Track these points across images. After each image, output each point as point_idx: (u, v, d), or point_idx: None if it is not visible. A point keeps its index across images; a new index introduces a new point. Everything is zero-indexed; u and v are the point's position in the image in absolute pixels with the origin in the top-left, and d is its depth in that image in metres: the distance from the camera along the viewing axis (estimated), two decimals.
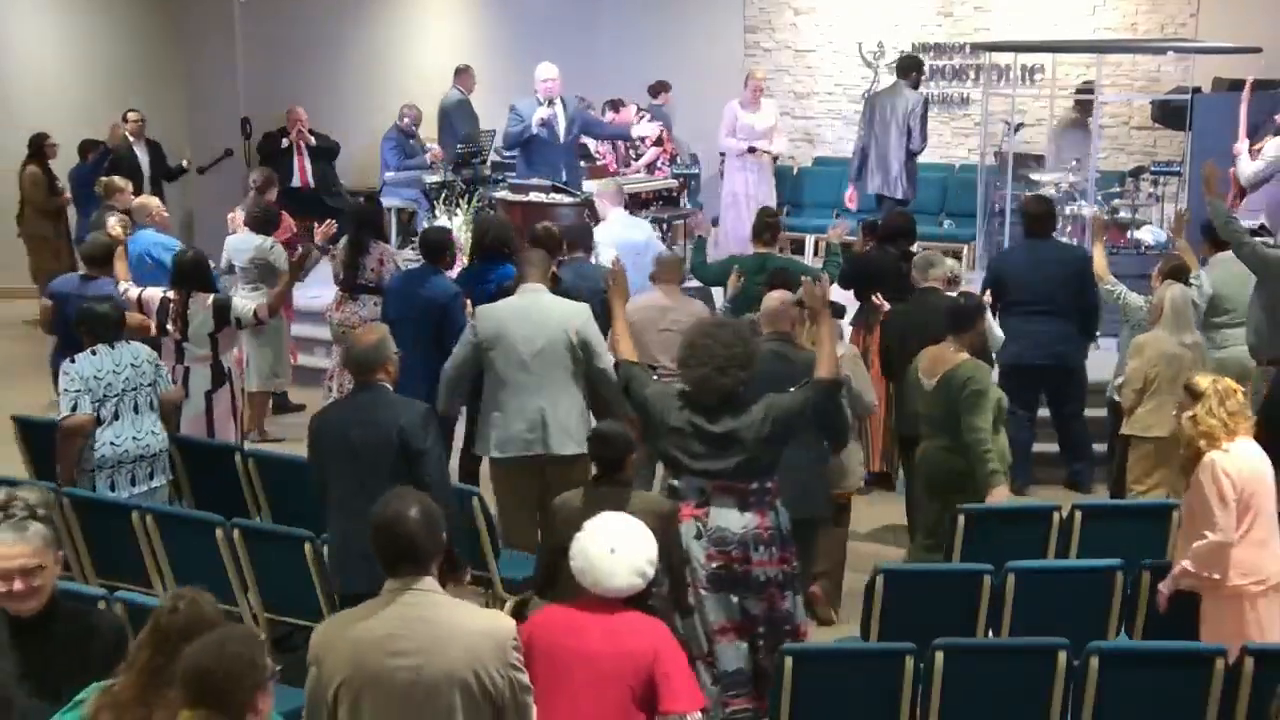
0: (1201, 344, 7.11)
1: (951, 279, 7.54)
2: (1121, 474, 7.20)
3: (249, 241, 9.08)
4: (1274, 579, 5.22)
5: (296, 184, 12.80)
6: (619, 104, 12.55)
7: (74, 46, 13.88)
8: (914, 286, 7.46)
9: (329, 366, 8.88)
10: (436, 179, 11.73)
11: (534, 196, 9.97)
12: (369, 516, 3.75)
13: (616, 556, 3.97)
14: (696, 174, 12.98)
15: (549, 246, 7.38)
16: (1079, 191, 10.71)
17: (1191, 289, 7.33)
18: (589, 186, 10.17)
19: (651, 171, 12.13)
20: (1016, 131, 11.82)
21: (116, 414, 6.31)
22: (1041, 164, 11.65)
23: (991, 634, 5.45)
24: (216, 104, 14.00)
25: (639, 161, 12.22)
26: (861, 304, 8.35)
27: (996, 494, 6.16)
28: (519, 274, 6.79)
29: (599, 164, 11.94)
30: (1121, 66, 12.81)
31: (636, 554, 4.00)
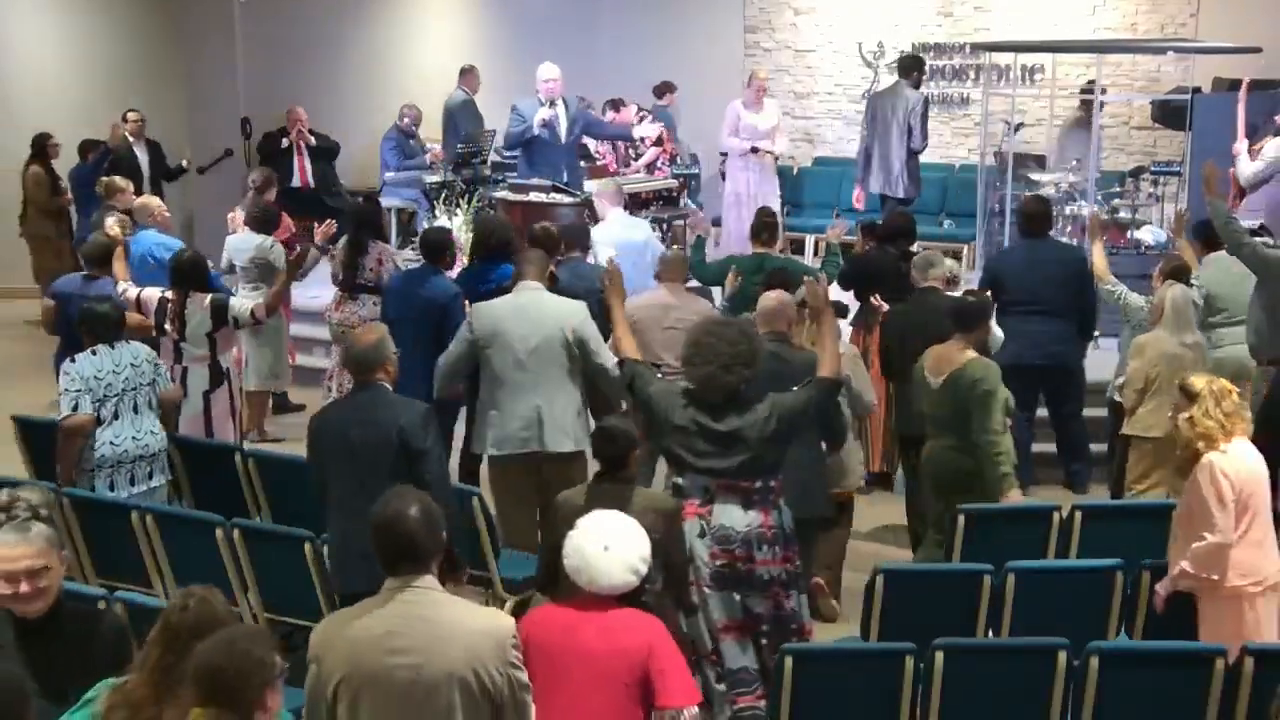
0: (1202, 344, 7.11)
1: (951, 279, 7.55)
2: (1121, 474, 7.20)
3: (249, 241, 9.09)
4: (1272, 579, 5.22)
5: (296, 184, 12.80)
6: (619, 104, 12.55)
7: (74, 46, 13.88)
8: (914, 286, 7.46)
9: (328, 366, 8.88)
10: (436, 179, 11.73)
11: (534, 196, 9.97)
12: (369, 516, 3.75)
13: (610, 554, 3.98)
14: (696, 174, 12.97)
15: (547, 246, 7.39)
16: (1079, 191, 10.70)
17: (1192, 289, 7.33)
18: (589, 186, 10.17)
19: (651, 171, 12.12)
20: (1016, 131, 11.81)
21: (116, 414, 6.32)
22: (1042, 164, 11.64)
23: (991, 634, 5.44)
24: (216, 104, 14.00)
25: (639, 161, 12.21)
26: (861, 304, 8.35)
27: (1011, 496, 6.17)
28: (517, 272, 6.80)
29: (599, 164, 11.94)
30: (1121, 66, 12.81)
31: (630, 551, 4.01)
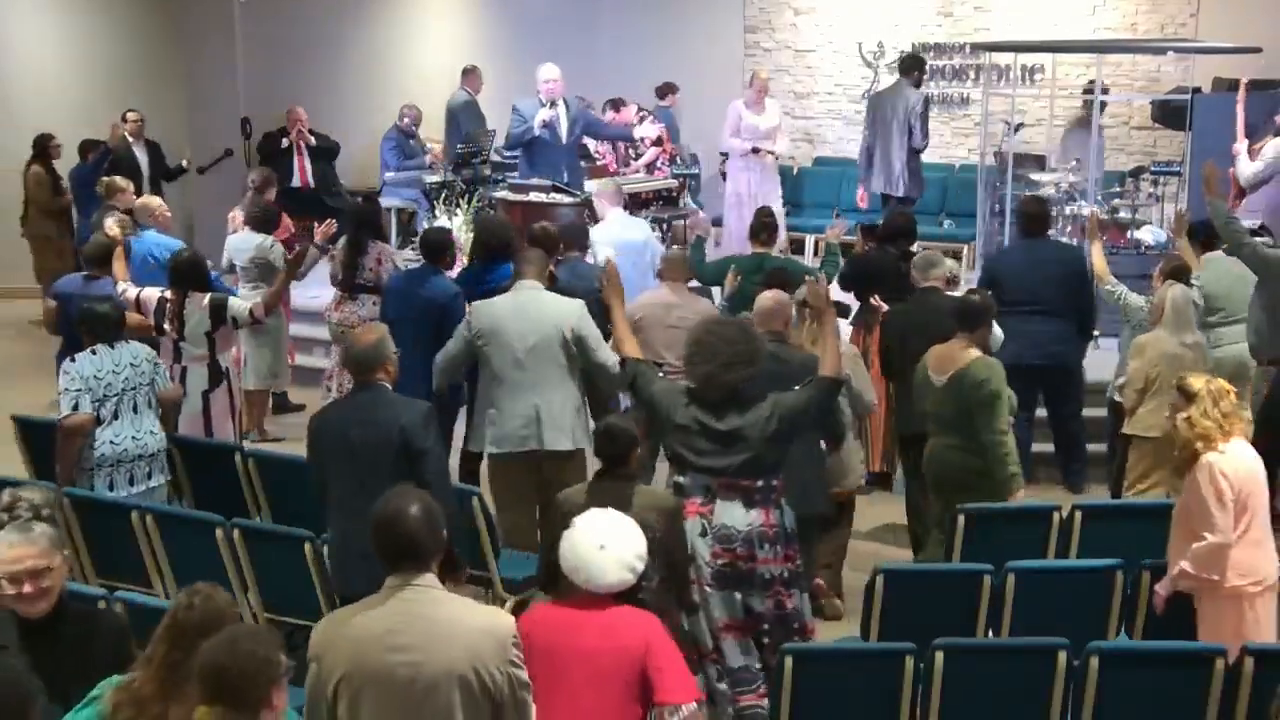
0: (1203, 344, 7.10)
1: (951, 279, 7.55)
2: (1121, 474, 7.20)
3: (249, 241, 9.09)
4: (1271, 579, 5.23)
5: (296, 184, 12.80)
6: (620, 103, 12.55)
7: (74, 46, 13.87)
8: (914, 286, 7.46)
9: (328, 366, 8.88)
10: (436, 179, 11.74)
11: (534, 196, 9.97)
12: (369, 516, 3.75)
13: (606, 553, 3.98)
14: (696, 174, 12.97)
15: (546, 246, 7.39)
16: (1079, 191, 10.70)
17: (1193, 289, 7.33)
18: (589, 187, 10.17)
19: (651, 171, 12.12)
20: (1016, 131, 11.81)
21: (116, 413, 6.32)
22: (1042, 164, 11.64)
23: (991, 634, 5.44)
24: (216, 104, 13.99)
25: (638, 161, 12.22)
26: (861, 304, 8.35)
27: (1019, 496, 6.20)
28: (516, 271, 6.81)
29: (599, 164, 11.94)
30: (1121, 66, 12.81)
31: (626, 549, 4.01)
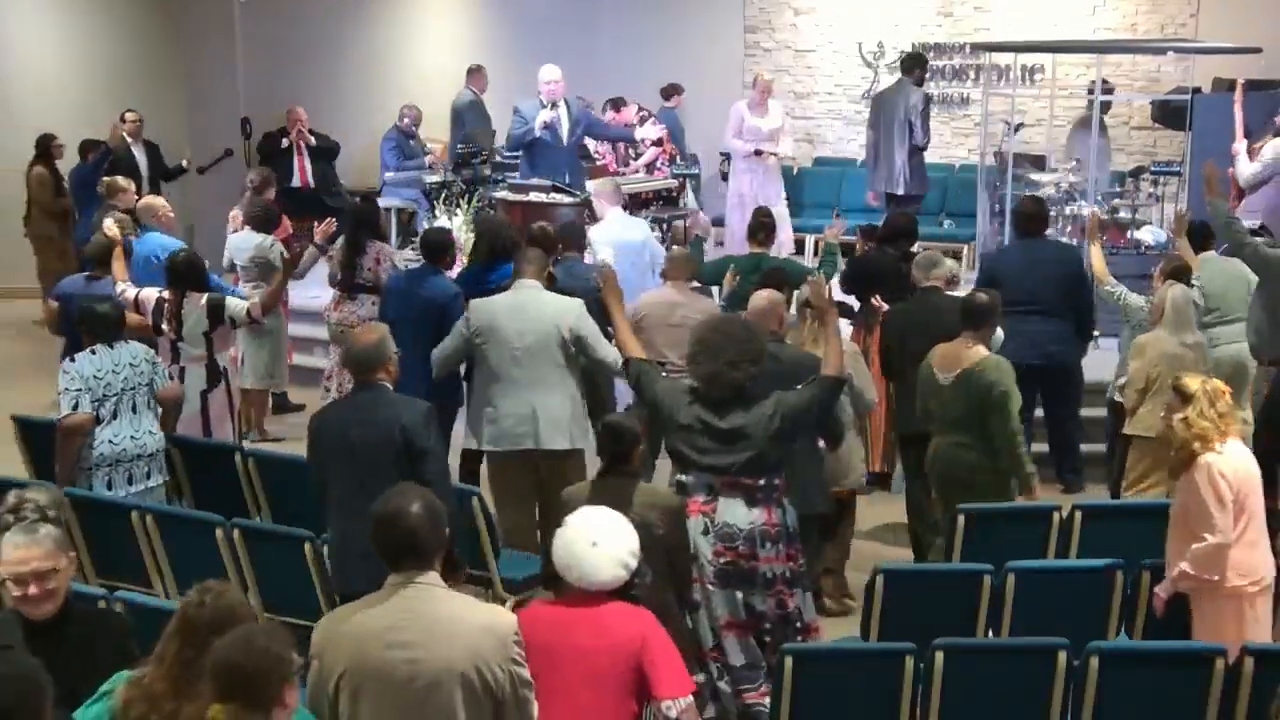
0: (1203, 344, 7.09)
1: (951, 279, 7.54)
2: (1121, 474, 7.19)
3: (249, 240, 9.10)
4: (1268, 579, 5.22)
5: (296, 184, 12.78)
6: (620, 103, 12.54)
7: (74, 46, 13.88)
8: (914, 286, 7.46)
9: (327, 366, 8.87)
10: (436, 179, 11.73)
11: (534, 196, 9.96)
12: (369, 516, 3.75)
13: (599, 550, 3.99)
14: (696, 174, 12.96)
15: (545, 246, 7.40)
16: (1079, 191, 10.70)
17: (1193, 289, 7.32)
18: (590, 187, 10.17)
19: (651, 171, 12.12)
20: (1016, 131, 11.81)
21: (115, 413, 6.32)
22: (1041, 164, 11.64)
23: (991, 634, 5.44)
24: (216, 104, 13.99)
25: (638, 161, 12.21)
26: (862, 304, 8.36)
27: (1037, 494, 6.27)
28: (515, 270, 6.82)
29: (599, 164, 11.94)
30: (1121, 66, 12.81)
31: (619, 546, 4.01)
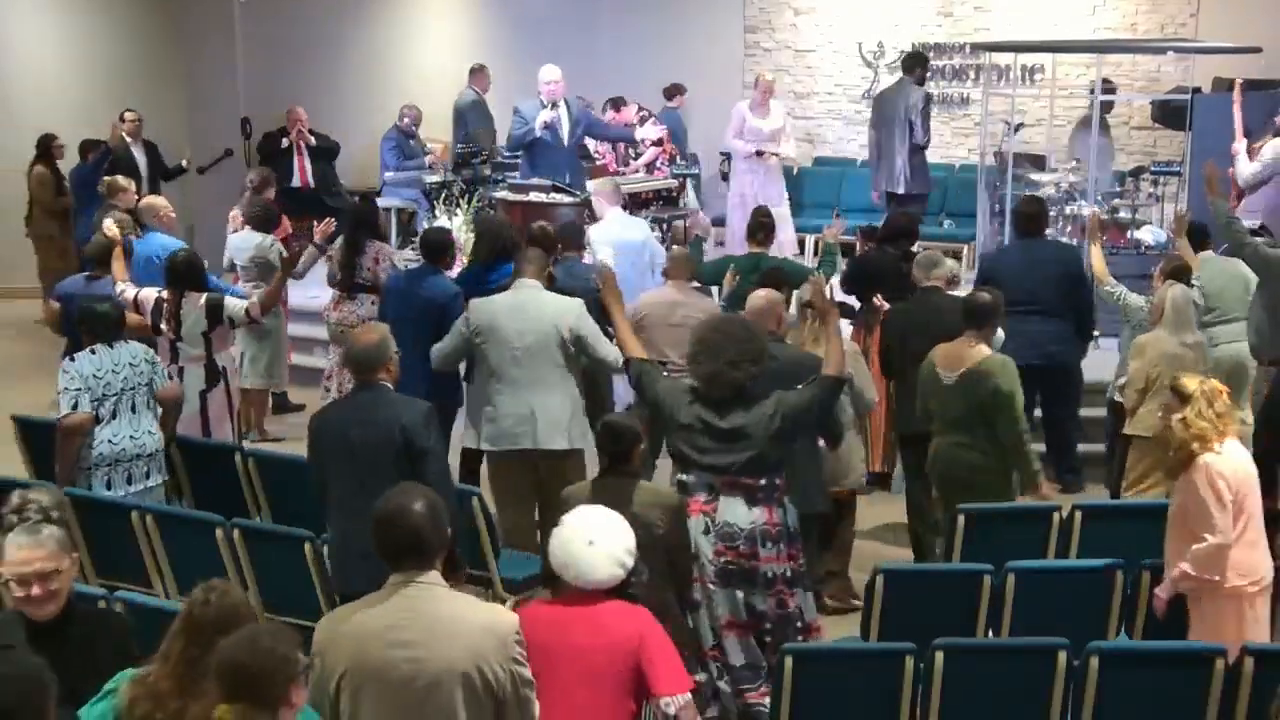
0: (1203, 344, 7.09)
1: (952, 279, 7.54)
2: (1121, 474, 7.19)
3: (249, 240, 9.10)
4: (1267, 578, 5.22)
5: (296, 184, 12.78)
6: (620, 103, 12.54)
7: (74, 46, 13.88)
8: (914, 286, 7.46)
9: (326, 366, 8.87)
10: (436, 179, 11.73)
11: (534, 196, 9.97)
12: (369, 516, 3.74)
13: (595, 549, 3.99)
14: (696, 174, 12.96)
15: (545, 246, 7.40)
16: (1079, 191, 10.71)
17: (1193, 289, 7.32)
18: (590, 186, 10.17)
19: (651, 171, 12.12)
20: (1016, 131, 11.81)
21: (115, 413, 6.31)
22: (1041, 164, 11.65)
23: (991, 634, 5.44)
24: (216, 104, 14.00)
25: (638, 161, 12.22)
26: (863, 304, 8.36)
27: (1045, 492, 6.31)
28: (516, 270, 6.83)
29: (598, 164, 11.94)
30: (1121, 66, 12.80)
31: (615, 545, 4.02)
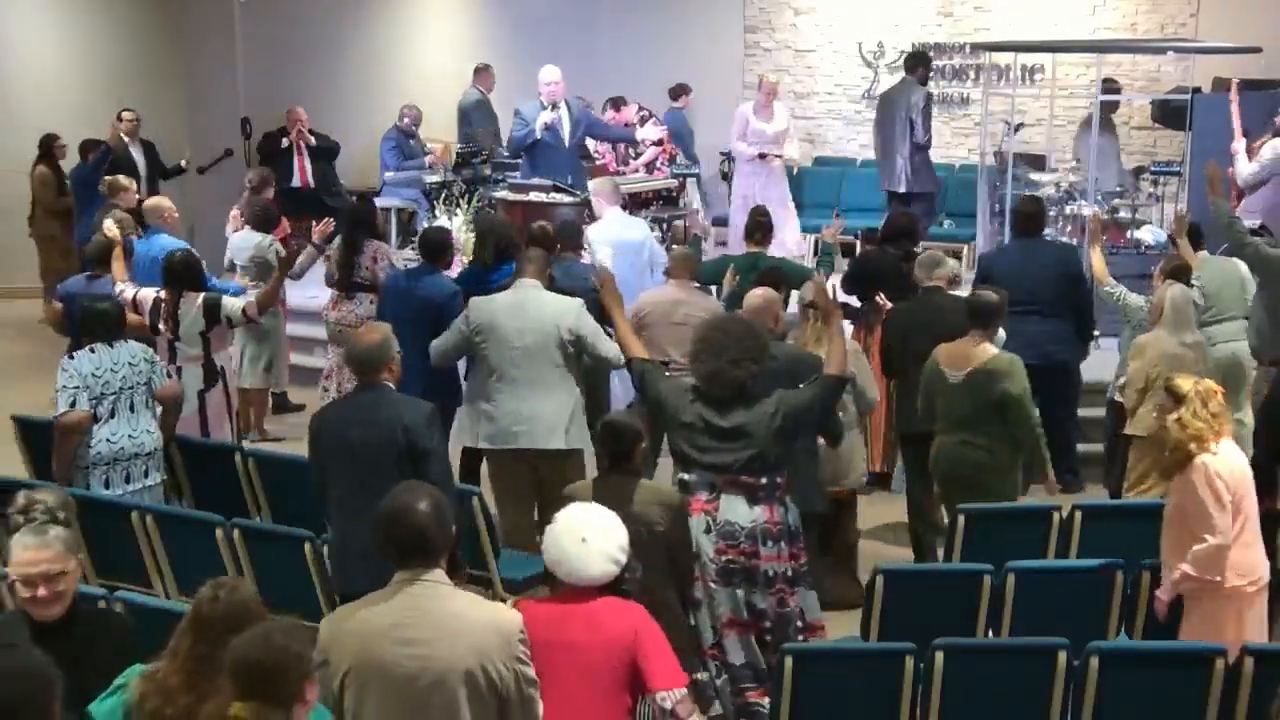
0: (1203, 343, 7.09)
1: (953, 279, 7.55)
2: (1122, 474, 7.19)
3: (249, 240, 9.10)
4: (1265, 578, 5.22)
5: (296, 184, 12.79)
6: (620, 102, 12.54)
7: (74, 46, 13.88)
8: (916, 286, 7.46)
9: (325, 366, 8.87)
10: (436, 179, 11.73)
11: (534, 196, 9.97)
12: (369, 516, 3.74)
13: (589, 546, 3.99)
14: (697, 174, 12.96)
15: (545, 246, 7.40)
16: (1079, 191, 10.71)
17: (1193, 289, 7.32)
18: (589, 186, 10.17)
19: (651, 171, 12.12)
20: (1016, 131, 11.80)
21: (113, 412, 6.32)
22: (1042, 164, 11.65)
23: (991, 634, 5.44)
24: (216, 104, 13.99)
25: (638, 161, 12.22)
26: (864, 303, 8.37)
27: (1053, 480, 6.44)
28: (517, 269, 6.82)
29: (598, 164, 11.94)
30: (1121, 66, 12.80)
31: (608, 542, 4.02)
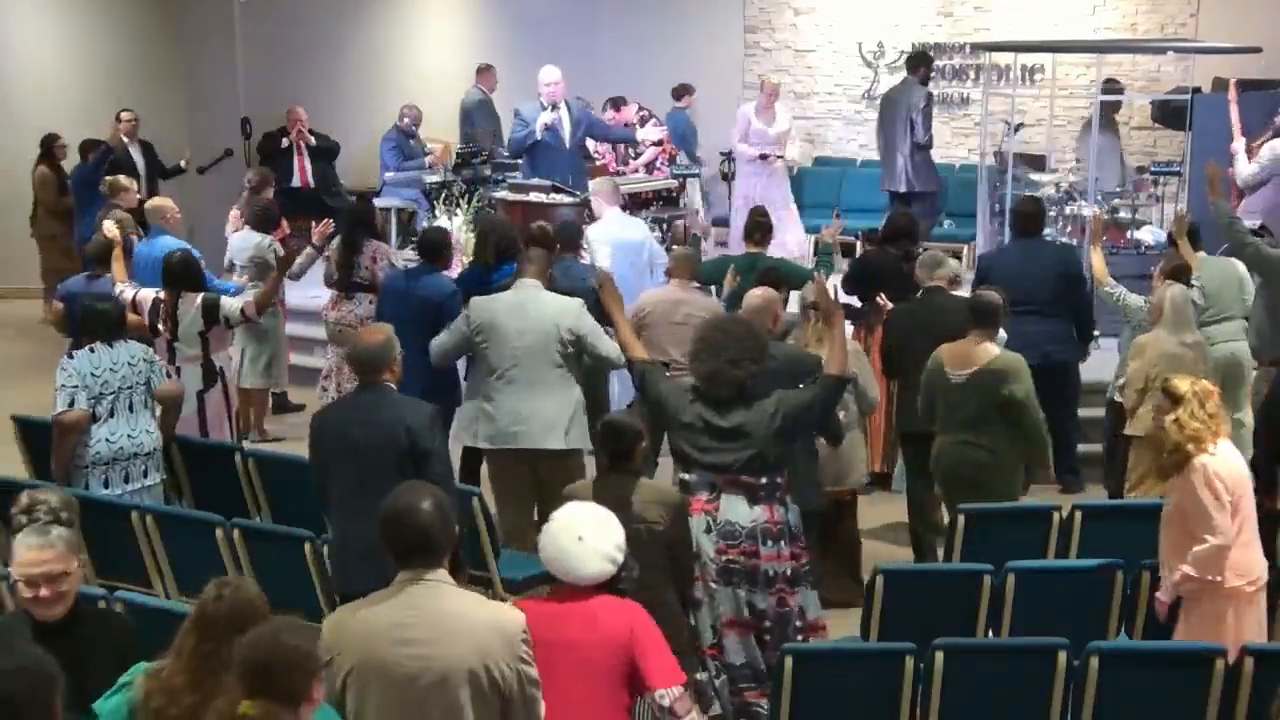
0: (1203, 344, 7.10)
1: (954, 279, 7.54)
2: (1122, 474, 7.19)
3: (249, 240, 9.09)
4: (1263, 578, 5.22)
5: (296, 184, 12.79)
6: (620, 102, 12.54)
7: (74, 46, 13.88)
8: (917, 286, 7.46)
9: (325, 366, 8.86)
10: (436, 179, 11.73)
11: (534, 196, 9.97)
12: (370, 516, 3.74)
13: (585, 544, 3.98)
14: (697, 174, 12.97)
15: (544, 246, 7.40)
16: (1079, 191, 10.71)
17: (1193, 289, 7.32)
18: (589, 187, 10.17)
19: (651, 171, 12.12)
20: (1016, 131, 11.81)
21: (112, 411, 6.32)
22: (1042, 164, 11.66)
23: (991, 634, 5.44)
24: (216, 104, 13.99)
25: (638, 161, 12.22)
26: (865, 303, 8.37)
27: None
28: (517, 269, 6.83)
29: (598, 164, 11.94)
30: (1121, 66, 12.80)
31: (604, 540, 4.02)
